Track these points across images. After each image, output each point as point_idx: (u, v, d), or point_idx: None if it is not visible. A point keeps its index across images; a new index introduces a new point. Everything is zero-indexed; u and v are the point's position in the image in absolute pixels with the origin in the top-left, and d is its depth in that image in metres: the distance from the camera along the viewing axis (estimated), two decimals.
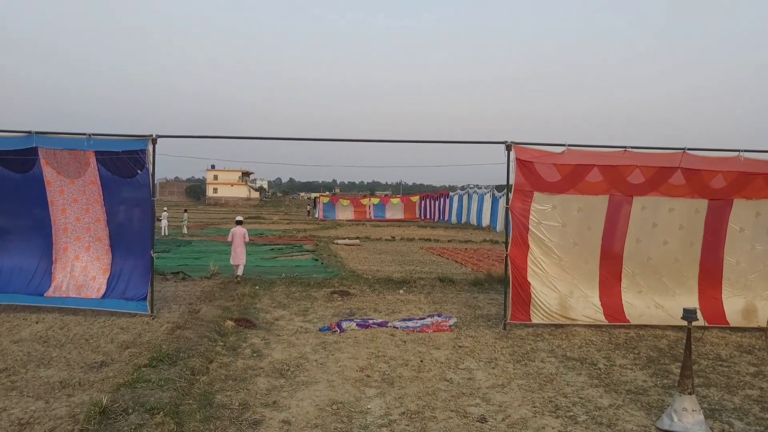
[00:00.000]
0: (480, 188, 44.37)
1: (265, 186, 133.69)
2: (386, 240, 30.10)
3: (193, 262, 18.77)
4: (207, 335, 8.41)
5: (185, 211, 35.85)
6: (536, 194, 10.17)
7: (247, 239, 15.48)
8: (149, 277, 10.26)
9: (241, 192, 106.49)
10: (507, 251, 10.12)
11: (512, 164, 10.04)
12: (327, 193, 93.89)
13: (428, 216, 56.12)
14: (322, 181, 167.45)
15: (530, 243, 10.28)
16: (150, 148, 10.00)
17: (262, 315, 10.54)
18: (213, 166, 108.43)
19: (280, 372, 7.18)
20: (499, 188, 38.49)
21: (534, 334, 9.81)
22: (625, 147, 10.15)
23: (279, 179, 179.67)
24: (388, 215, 56.68)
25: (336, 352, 8.17)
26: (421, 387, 6.84)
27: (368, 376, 7.16)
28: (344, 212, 55.41)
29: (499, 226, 36.68)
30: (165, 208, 33.33)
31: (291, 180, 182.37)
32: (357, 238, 29.90)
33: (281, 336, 9.06)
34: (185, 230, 32.09)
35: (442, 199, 53.93)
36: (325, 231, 36.01)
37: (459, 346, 8.80)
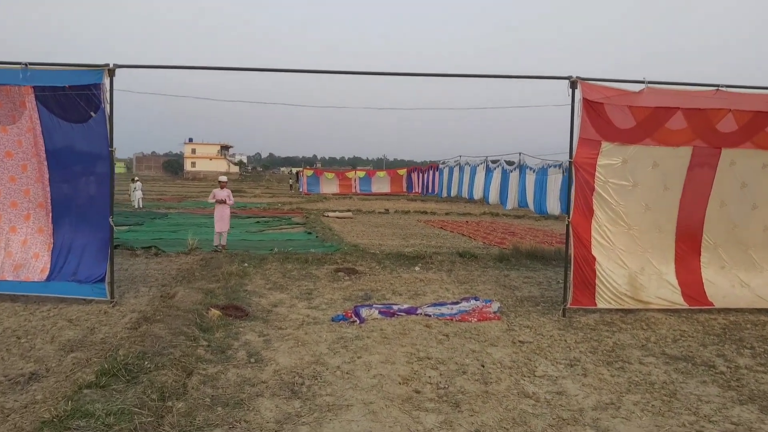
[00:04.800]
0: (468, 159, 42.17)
1: (245, 161, 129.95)
2: (379, 213, 27.87)
3: (169, 235, 16.37)
4: (184, 331, 6.14)
5: (133, 180, 29.65)
6: (604, 145, 7.99)
7: (231, 201, 13.45)
8: (108, 252, 7.92)
9: (220, 166, 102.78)
10: (569, 218, 7.97)
11: (577, 106, 7.84)
12: (308, 167, 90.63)
13: (416, 189, 53.90)
14: (303, 156, 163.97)
15: (595, 208, 8.13)
16: (106, 81, 7.59)
17: (256, 300, 8.29)
18: (191, 139, 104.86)
19: (291, 389, 4.96)
20: (493, 161, 36.35)
21: (604, 322, 7.72)
22: (717, 85, 8.01)
23: (258, 154, 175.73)
24: (375, 189, 54.38)
25: (363, 353, 5.97)
26: (500, 410, 4.69)
27: (418, 392, 4.99)
28: (329, 186, 52.96)
29: (492, 198, 34.67)
30: (136, 178, 30.54)
31: (271, 155, 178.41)
32: (348, 210, 27.62)
33: (284, 329, 6.82)
34: (138, 203, 27.24)
35: (431, 172, 51.69)
36: (312, 204, 33.61)
37: (519, 342, 6.66)
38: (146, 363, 5.02)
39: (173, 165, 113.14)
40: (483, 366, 5.71)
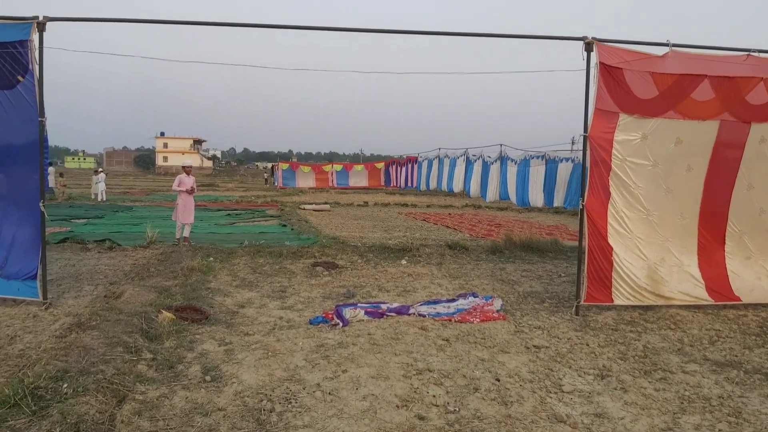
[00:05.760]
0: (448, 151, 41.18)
1: (219, 155, 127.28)
2: (358, 205, 26.72)
3: (130, 228, 14.98)
4: (124, 340, 4.92)
5: (96, 171, 28.06)
6: (622, 117, 6.96)
7: (195, 191, 12.09)
8: (40, 245, 6.64)
9: (193, 160, 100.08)
10: (583, 202, 6.91)
11: (593, 72, 6.78)
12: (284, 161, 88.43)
13: (395, 183, 52.81)
14: (278, 151, 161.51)
15: (611, 190, 7.10)
16: (34, 38, 6.30)
17: (219, 299, 7.08)
18: (162, 133, 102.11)
19: (256, 418, 3.79)
20: (474, 154, 35.45)
21: (624, 321, 6.71)
22: (749, 50, 7.03)
23: (233, 149, 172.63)
24: (352, 183, 53.15)
25: (348, 366, 4.83)
26: None
27: (422, 419, 3.86)
28: (305, 180, 51.52)
29: (473, 190, 33.73)
30: (100, 169, 28.90)
31: (246, 150, 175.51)
32: (325, 203, 26.39)
33: (251, 335, 5.64)
34: (101, 196, 25.73)
35: (409, 165, 50.62)
36: (287, 197, 32.25)
37: (534, 347, 5.59)
38: (64, 386, 3.81)
39: (145, 160, 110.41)
40: (498, 380, 4.62)
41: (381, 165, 58.23)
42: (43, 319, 6.01)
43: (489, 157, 31.96)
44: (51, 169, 24.21)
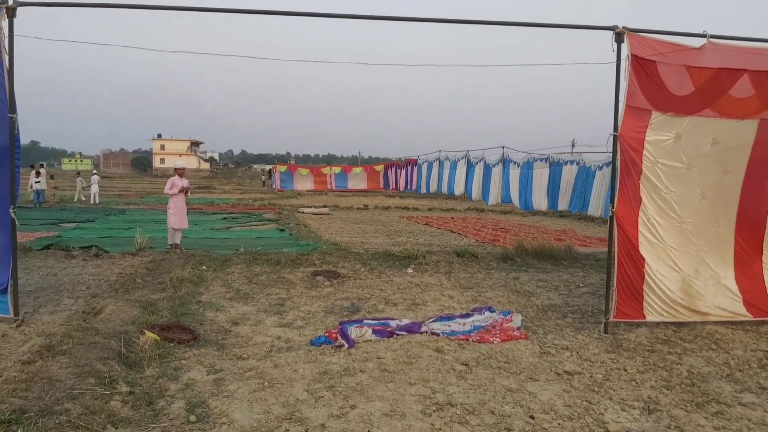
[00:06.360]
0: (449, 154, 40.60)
1: (216, 157, 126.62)
2: (358, 209, 26.03)
3: (120, 233, 14.30)
4: (97, 369, 4.25)
5: (79, 173, 28.24)
6: (654, 115, 6.32)
7: (189, 194, 11.42)
8: (11, 255, 5.98)
9: (191, 163, 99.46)
10: (613, 208, 6.27)
11: (624, 65, 6.16)
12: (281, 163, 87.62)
13: (394, 186, 52.19)
14: (276, 154, 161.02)
15: (642, 195, 6.46)
16: (3, 24, 5.66)
17: (211, 315, 6.42)
18: (159, 135, 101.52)
19: None
20: (475, 156, 34.89)
21: (659, 339, 6.07)
22: None
23: (230, 151, 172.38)
24: (351, 185, 52.51)
25: (357, 399, 4.17)
26: None
27: None
28: (303, 182, 50.83)
29: (475, 193, 33.12)
30: (95, 172, 28.23)
31: (243, 152, 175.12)
32: (324, 206, 25.72)
33: (245, 360, 4.98)
34: (93, 198, 25.48)
35: (409, 167, 50.01)
36: (285, 200, 31.57)
37: (566, 373, 4.94)
38: (18, 431, 3.16)
39: (142, 162, 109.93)
40: (532, 417, 3.97)
41: (380, 167, 57.66)
42: (12, 339, 5.35)
43: (490, 159, 31.45)
44: (42, 171, 23.61)
